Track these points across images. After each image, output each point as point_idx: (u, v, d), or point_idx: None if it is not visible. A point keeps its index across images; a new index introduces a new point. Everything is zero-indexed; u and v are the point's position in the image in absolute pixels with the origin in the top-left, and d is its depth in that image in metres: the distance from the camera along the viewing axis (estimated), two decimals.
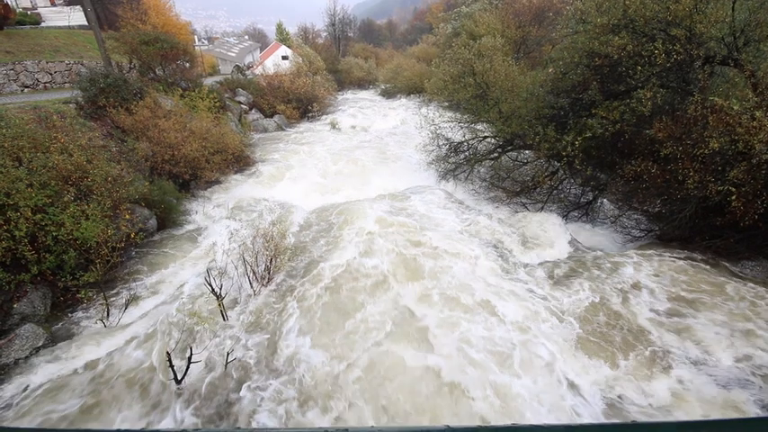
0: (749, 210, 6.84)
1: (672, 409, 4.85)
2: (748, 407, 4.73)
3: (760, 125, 6.52)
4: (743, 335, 5.65)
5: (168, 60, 18.16)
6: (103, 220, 7.40)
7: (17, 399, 5.05)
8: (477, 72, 12.83)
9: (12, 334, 5.81)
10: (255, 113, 24.52)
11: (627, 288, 6.90)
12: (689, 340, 5.74)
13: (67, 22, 22.61)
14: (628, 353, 5.64)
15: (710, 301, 6.35)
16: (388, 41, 77.78)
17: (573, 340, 5.89)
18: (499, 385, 5.04)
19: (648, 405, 4.94)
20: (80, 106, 12.02)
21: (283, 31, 50.04)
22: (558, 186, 11.35)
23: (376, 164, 15.80)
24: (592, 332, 6.06)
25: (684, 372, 5.29)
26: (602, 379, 5.32)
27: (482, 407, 4.78)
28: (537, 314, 6.41)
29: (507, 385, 5.05)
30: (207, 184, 13.04)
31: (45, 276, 6.63)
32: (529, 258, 8.72)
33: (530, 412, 4.74)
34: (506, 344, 5.73)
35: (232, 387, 5.19)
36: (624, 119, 8.70)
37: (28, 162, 7.41)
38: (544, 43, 24.51)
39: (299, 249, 8.65)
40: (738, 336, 5.64)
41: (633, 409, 4.89)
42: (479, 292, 6.87)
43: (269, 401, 4.93)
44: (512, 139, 12.18)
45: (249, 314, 6.50)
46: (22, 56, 15.78)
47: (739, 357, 5.36)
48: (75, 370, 5.47)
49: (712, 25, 7.66)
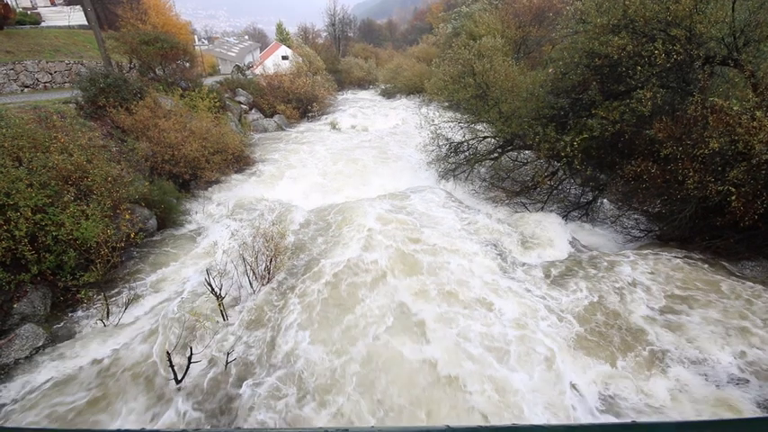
0: (749, 210, 6.85)
1: (665, 406, 4.88)
2: (742, 405, 4.75)
3: (760, 125, 6.52)
4: (738, 333, 5.69)
5: (168, 60, 18.16)
6: (103, 220, 7.40)
7: (22, 394, 5.12)
8: (477, 72, 12.83)
9: (12, 334, 5.82)
10: (255, 113, 24.52)
11: (625, 287, 6.92)
12: (684, 339, 5.77)
13: (67, 21, 22.60)
14: (625, 352, 5.67)
15: (707, 300, 6.39)
16: (388, 41, 77.75)
17: (570, 338, 5.91)
18: (497, 379, 5.06)
19: (642, 402, 4.98)
20: (80, 106, 12.02)
21: (283, 30, 50.04)
22: (557, 186, 11.36)
23: (376, 164, 15.80)
24: (590, 331, 6.08)
25: (679, 369, 5.33)
26: (598, 376, 5.36)
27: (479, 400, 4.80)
28: (535, 312, 6.44)
29: (504, 379, 5.08)
30: (207, 183, 13.04)
31: (45, 276, 6.63)
32: (528, 258, 8.72)
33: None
34: (503, 339, 5.77)
35: (232, 384, 5.20)
36: (624, 119, 8.71)
37: (28, 162, 7.41)
38: (544, 43, 24.51)
39: (300, 248, 8.66)
40: (733, 334, 5.68)
41: (625, 404, 4.93)
42: (477, 290, 6.93)
43: (268, 398, 4.95)
44: (512, 140, 12.19)
45: (249, 313, 6.50)
46: (22, 56, 15.78)
47: (735, 355, 5.40)
48: (75, 369, 5.49)
49: (712, 25, 7.67)
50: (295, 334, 5.91)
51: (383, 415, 4.71)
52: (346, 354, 5.52)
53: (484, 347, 5.63)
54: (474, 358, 5.39)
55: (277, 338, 5.87)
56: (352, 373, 5.21)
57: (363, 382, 5.07)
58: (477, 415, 4.67)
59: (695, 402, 4.89)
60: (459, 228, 9.48)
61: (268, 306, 6.66)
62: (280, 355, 5.59)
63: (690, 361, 5.45)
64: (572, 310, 6.54)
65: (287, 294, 6.89)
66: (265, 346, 5.79)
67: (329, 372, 5.23)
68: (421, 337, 5.83)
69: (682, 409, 4.83)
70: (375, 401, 4.85)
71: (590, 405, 4.94)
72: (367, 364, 5.33)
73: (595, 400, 5.05)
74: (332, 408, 4.78)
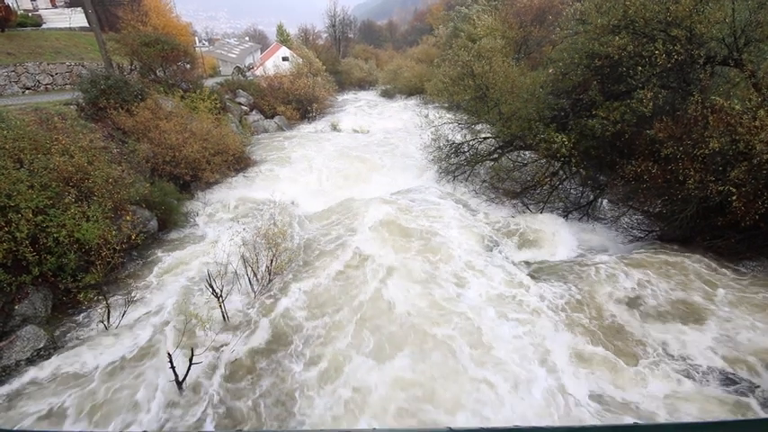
0: (750, 210, 6.84)
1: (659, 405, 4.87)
2: (726, 404, 4.77)
3: (761, 125, 6.52)
4: (733, 331, 5.71)
5: (169, 62, 18.19)
6: (104, 222, 7.41)
7: (22, 394, 5.13)
8: (477, 74, 12.83)
9: (13, 335, 5.82)
10: (256, 114, 24.52)
11: (623, 286, 6.92)
12: (678, 338, 5.79)
13: (68, 23, 22.67)
14: (619, 353, 5.66)
15: (704, 298, 6.40)
16: (389, 42, 77.70)
17: (568, 337, 5.91)
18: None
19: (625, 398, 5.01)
20: (81, 108, 12.05)
21: (284, 32, 50.15)
22: (558, 187, 11.34)
23: (376, 164, 15.79)
24: (585, 328, 6.07)
25: (668, 369, 5.34)
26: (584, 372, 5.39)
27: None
28: (535, 311, 6.45)
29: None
30: (208, 185, 13.05)
31: (46, 278, 6.63)
32: (527, 257, 8.73)
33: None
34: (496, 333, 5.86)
35: (232, 385, 5.20)
36: (625, 119, 8.69)
37: (29, 164, 7.42)
38: (545, 44, 24.48)
39: (300, 247, 8.66)
40: (729, 332, 5.71)
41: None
42: (475, 287, 7.03)
43: (267, 396, 4.95)
44: (512, 140, 12.18)
45: (250, 314, 6.51)
46: (24, 57, 15.82)
47: (726, 355, 5.44)
48: (75, 370, 5.48)
49: (712, 26, 7.66)
50: (295, 330, 5.91)
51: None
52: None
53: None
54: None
55: (277, 337, 5.87)
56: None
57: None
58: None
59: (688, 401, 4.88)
60: (458, 227, 9.46)
61: (268, 307, 6.66)
62: (280, 353, 5.59)
63: (676, 359, 5.45)
64: (569, 309, 6.55)
65: (287, 294, 6.89)
66: (265, 346, 5.79)
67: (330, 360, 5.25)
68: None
69: (678, 408, 4.82)
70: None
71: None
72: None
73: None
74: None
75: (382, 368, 5.38)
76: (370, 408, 4.85)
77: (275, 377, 5.35)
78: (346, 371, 5.35)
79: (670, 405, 4.86)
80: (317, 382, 5.21)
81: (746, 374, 5.17)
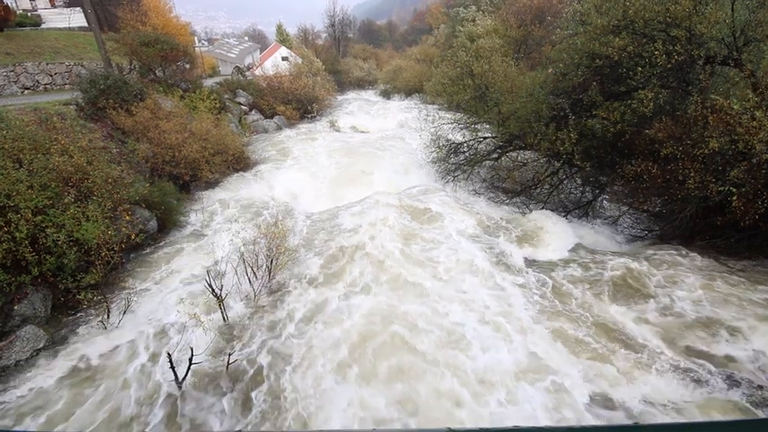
0: (749, 209, 6.85)
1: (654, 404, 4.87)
2: (716, 403, 4.80)
3: (760, 125, 6.53)
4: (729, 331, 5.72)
5: (168, 62, 18.17)
6: (104, 222, 7.39)
7: (22, 394, 5.12)
8: (476, 74, 12.84)
9: (12, 336, 5.81)
10: (255, 114, 24.50)
11: (623, 286, 6.93)
12: (678, 337, 5.78)
13: (68, 23, 22.63)
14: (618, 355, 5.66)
15: (702, 298, 6.40)
16: (388, 42, 77.71)
17: (566, 336, 5.91)
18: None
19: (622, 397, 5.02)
20: (80, 108, 12.03)
21: (283, 32, 50.13)
22: (558, 186, 11.35)
23: (376, 164, 15.76)
24: (585, 329, 6.08)
25: (664, 366, 5.34)
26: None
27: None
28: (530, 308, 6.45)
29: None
30: (207, 184, 13.03)
31: (45, 278, 6.61)
32: (526, 256, 8.73)
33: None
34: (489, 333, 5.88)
35: (232, 385, 5.19)
36: (625, 119, 8.70)
37: (28, 164, 7.40)
38: (544, 44, 24.50)
39: (300, 247, 8.66)
40: (724, 332, 5.71)
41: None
42: (473, 285, 7.05)
43: (267, 395, 4.96)
44: (511, 140, 12.19)
45: (249, 314, 6.50)
46: (23, 57, 15.79)
47: (723, 354, 5.46)
48: (75, 370, 5.48)
49: (712, 26, 7.67)
50: (294, 330, 5.91)
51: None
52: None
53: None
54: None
55: (277, 337, 5.86)
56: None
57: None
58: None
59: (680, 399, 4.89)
60: (458, 227, 9.47)
61: (268, 307, 6.66)
62: (280, 352, 5.59)
63: (673, 357, 5.46)
64: (567, 307, 6.55)
65: (287, 294, 6.89)
66: (265, 346, 5.79)
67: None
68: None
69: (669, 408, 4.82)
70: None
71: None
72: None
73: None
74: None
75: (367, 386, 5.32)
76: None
77: (274, 377, 5.35)
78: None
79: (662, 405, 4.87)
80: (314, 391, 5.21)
81: (746, 375, 5.17)
